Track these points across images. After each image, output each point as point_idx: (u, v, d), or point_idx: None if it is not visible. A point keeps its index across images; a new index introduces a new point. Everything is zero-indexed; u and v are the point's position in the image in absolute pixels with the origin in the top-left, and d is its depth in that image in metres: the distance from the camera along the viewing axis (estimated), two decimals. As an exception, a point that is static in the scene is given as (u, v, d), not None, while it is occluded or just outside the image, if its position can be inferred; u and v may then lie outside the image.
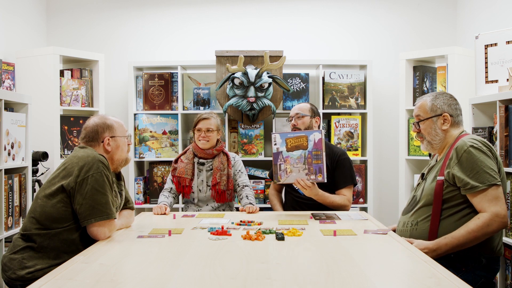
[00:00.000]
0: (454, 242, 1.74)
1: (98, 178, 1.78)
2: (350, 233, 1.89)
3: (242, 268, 1.42)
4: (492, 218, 1.71)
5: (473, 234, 1.72)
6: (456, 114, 1.94)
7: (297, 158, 2.33)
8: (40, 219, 1.76)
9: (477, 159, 1.76)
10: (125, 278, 1.35)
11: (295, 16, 3.82)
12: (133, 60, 3.72)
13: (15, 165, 2.51)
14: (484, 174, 1.74)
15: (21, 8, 3.48)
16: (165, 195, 2.68)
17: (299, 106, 2.75)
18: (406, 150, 3.38)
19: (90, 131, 1.95)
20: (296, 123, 2.68)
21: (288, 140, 2.35)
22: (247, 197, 2.63)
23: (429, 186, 1.89)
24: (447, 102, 1.94)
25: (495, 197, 1.73)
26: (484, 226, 1.71)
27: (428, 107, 1.96)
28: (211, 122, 2.66)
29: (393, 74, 3.73)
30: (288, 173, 2.33)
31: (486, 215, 1.72)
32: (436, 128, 1.94)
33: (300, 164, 2.32)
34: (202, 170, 2.70)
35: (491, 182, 1.73)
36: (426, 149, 2.01)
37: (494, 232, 1.74)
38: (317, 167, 2.30)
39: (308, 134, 2.33)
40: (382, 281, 1.30)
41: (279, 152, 2.36)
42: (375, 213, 3.62)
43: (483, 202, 1.73)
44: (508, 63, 2.46)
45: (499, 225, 1.72)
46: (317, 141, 2.31)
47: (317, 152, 2.30)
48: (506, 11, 3.07)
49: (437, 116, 1.94)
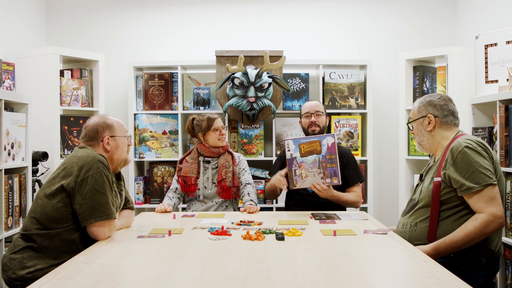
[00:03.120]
0: (452, 246, 1.74)
1: (98, 178, 1.78)
2: (350, 233, 1.89)
3: (242, 268, 1.42)
4: (489, 219, 1.71)
5: (471, 236, 1.72)
6: (443, 114, 1.94)
7: (311, 162, 2.38)
8: (40, 219, 1.76)
9: (472, 160, 1.76)
10: (125, 278, 1.35)
11: (295, 16, 3.82)
12: (133, 60, 3.72)
13: (15, 165, 2.51)
14: (480, 174, 1.74)
15: (21, 8, 3.48)
16: (170, 197, 2.71)
17: (316, 104, 2.76)
18: (406, 150, 3.38)
19: (90, 130, 1.96)
20: (316, 120, 2.69)
21: (301, 146, 2.40)
22: (249, 194, 2.66)
23: (427, 188, 1.89)
24: (433, 103, 1.96)
25: (491, 198, 1.72)
26: (481, 227, 1.71)
27: (416, 110, 2.01)
28: (220, 120, 2.74)
29: (393, 74, 3.73)
30: (303, 178, 2.38)
31: (483, 216, 1.72)
32: (422, 129, 1.98)
33: (315, 168, 2.38)
34: (208, 168, 2.73)
35: (487, 182, 1.73)
36: (418, 149, 2.06)
37: (491, 232, 1.74)
38: (332, 171, 2.36)
39: (321, 138, 2.38)
40: (382, 281, 1.30)
41: (293, 157, 2.41)
42: (375, 213, 3.62)
43: (479, 203, 1.73)
44: (508, 63, 2.46)
45: (496, 226, 1.72)
46: (330, 145, 2.36)
47: (331, 156, 2.36)
48: (506, 11, 3.07)
49: (423, 117, 1.97)
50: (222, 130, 2.71)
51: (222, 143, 2.72)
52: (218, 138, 2.70)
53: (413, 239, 1.88)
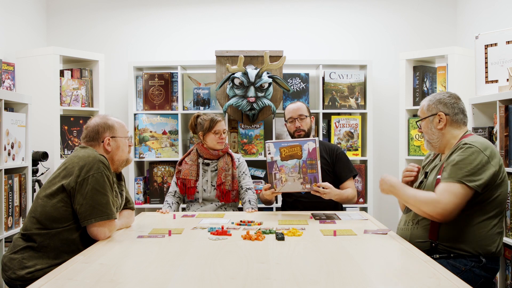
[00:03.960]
0: (403, 196, 1.89)
1: (98, 178, 1.78)
2: (350, 233, 1.89)
3: (242, 268, 1.42)
4: (434, 201, 1.74)
5: (413, 200, 1.82)
6: (454, 112, 1.94)
7: (291, 167, 2.33)
8: (41, 218, 1.76)
9: (466, 158, 1.76)
10: (125, 278, 1.35)
11: (295, 16, 3.82)
12: (133, 60, 3.72)
13: (15, 165, 2.51)
14: (463, 172, 1.74)
15: (21, 8, 3.48)
16: (169, 203, 2.69)
17: (298, 107, 2.70)
18: (406, 150, 3.38)
19: (91, 130, 1.96)
20: (300, 125, 2.66)
21: (282, 150, 2.35)
22: (250, 202, 2.65)
23: (430, 185, 1.89)
24: (444, 101, 1.95)
25: (454, 193, 1.73)
26: (423, 201, 1.78)
27: (425, 107, 1.99)
28: (223, 123, 2.71)
29: (393, 74, 3.73)
30: (283, 182, 2.34)
31: (434, 196, 1.76)
32: (432, 128, 1.96)
33: (295, 173, 2.33)
34: (207, 170, 2.71)
35: (463, 181, 1.73)
36: (427, 148, 2.03)
37: (424, 213, 1.79)
38: (312, 176, 2.31)
39: (302, 143, 2.33)
40: (382, 281, 1.30)
41: (274, 161, 2.36)
42: (375, 213, 3.62)
43: (443, 190, 1.75)
44: (508, 63, 2.46)
45: (431, 211, 1.75)
46: (311, 150, 2.30)
47: (311, 162, 2.30)
48: (506, 11, 3.07)
49: (433, 115, 1.95)
50: (223, 134, 2.68)
51: (221, 146, 2.69)
52: (217, 141, 2.67)
53: (414, 236, 1.88)
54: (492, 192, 1.78)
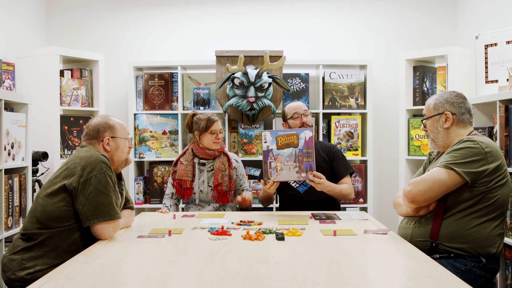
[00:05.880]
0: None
1: (101, 178, 1.78)
2: (350, 233, 1.89)
3: (242, 268, 1.42)
4: (405, 188, 1.83)
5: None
6: (461, 112, 1.93)
7: (287, 156, 2.33)
8: (41, 218, 1.76)
9: (461, 148, 1.78)
10: (125, 278, 1.35)
11: (295, 16, 3.82)
12: (133, 60, 3.72)
13: (15, 165, 2.51)
14: (453, 159, 1.76)
15: (21, 8, 3.48)
16: (167, 206, 2.69)
17: (302, 103, 2.78)
18: (406, 150, 3.38)
19: (92, 129, 1.96)
20: (306, 120, 2.69)
21: (278, 138, 2.35)
22: (244, 190, 2.72)
23: None
24: (451, 100, 1.94)
25: (433, 177, 1.77)
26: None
27: (431, 106, 1.98)
28: (220, 123, 2.69)
29: (393, 74, 3.73)
30: (278, 171, 2.33)
31: (405, 187, 1.86)
32: (438, 127, 1.95)
33: (290, 162, 2.32)
34: (203, 170, 2.69)
35: (452, 167, 1.75)
36: (431, 146, 2.03)
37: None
38: (308, 165, 2.31)
39: (299, 132, 2.34)
40: (382, 281, 1.30)
41: (269, 150, 2.35)
42: (375, 213, 3.62)
43: (428, 173, 1.81)
44: (508, 63, 2.46)
45: (405, 196, 1.84)
46: (308, 139, 2.32)
47: (307, 150, 2.31)
48: (506, 11, 3.07)
49: (439, 114, 1.95)
50: (219, 134, 2.65)
51: (217, 146, 2.66)
52: (213, 141, 2.64)
53: (415, 235, 1.88)
54: (493, 194, 1.77)
